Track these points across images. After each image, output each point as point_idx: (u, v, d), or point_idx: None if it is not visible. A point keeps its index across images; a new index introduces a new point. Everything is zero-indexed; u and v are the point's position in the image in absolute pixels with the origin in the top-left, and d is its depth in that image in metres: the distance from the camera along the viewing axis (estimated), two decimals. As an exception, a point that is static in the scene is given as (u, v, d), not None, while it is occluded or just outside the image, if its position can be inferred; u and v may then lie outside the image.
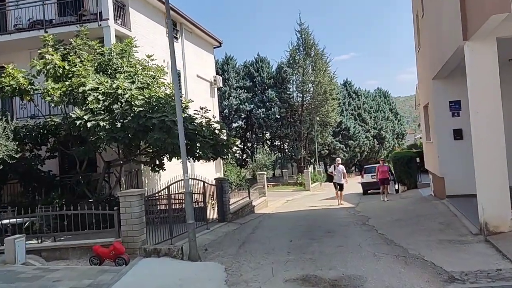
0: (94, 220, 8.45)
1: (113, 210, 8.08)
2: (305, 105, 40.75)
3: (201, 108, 13.53)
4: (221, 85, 24.91)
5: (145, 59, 13.74)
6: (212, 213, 13.38)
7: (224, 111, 38.66)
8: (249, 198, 16.86)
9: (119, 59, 13.23)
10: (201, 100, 19.49)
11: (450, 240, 7.92)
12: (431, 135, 14.77)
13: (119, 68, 13.16)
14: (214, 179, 13.69)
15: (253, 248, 9.00)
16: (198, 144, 13.03)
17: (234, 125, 42.38)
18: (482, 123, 7.75)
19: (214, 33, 23.61)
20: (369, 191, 23.15)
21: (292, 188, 33.53)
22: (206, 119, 13.60)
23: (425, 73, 14.22)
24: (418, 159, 20.17)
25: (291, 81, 40.91)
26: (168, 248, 7.98)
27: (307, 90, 40.08)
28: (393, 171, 22.22)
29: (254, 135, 40.95)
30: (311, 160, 45.38)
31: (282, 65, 40.50)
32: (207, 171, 21.80)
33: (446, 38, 9.82)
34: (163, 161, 14.68)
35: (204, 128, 13.45)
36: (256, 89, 40.21)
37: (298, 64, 39.69)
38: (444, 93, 12.59)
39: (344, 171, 17.95)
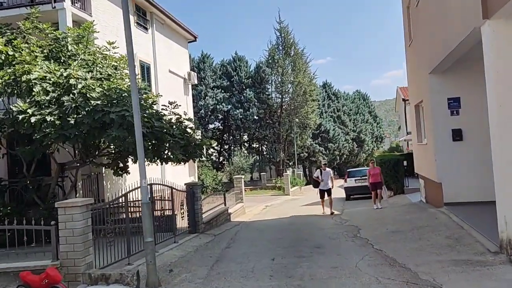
0: (26, 237, 6.70)
1: (49, 226, 6.35)
2: (284, 106, 39.44)
3: (170, 103, 11.89)
4: (196, 82, 23.24)
5: (106, 47, 11.99)
6: (182, 222, 11.74)
7: (200, 111, 36.95)
8: (225, 205, 15.26)
9: (75, 45, 11.47)
10: (174, 97, 17.68)
11: (466, 261, 6.53)
12: (424, 136, 13.53)
13: (75, 56, 11.39)
14: (185, 184, 12.05)
15: (227, 269, 7.42)
16: (166, 145, 11.43)
17: (211, 126, 40.69)
18: (506, 119, 6.39)
19: (189, 27, 21.96)
20: (352, 196, 21.89)
21: (270, 192, 32.07)
22: (176, 116, 11.97)
23: (419, 69, 12.97)
24: (405, 163, 19.02)
25: (270, 81, 39.54)
26: (120, 273, 6.32)
27: (287, 90, 38.78)
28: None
29: (231, 137, 39.33)
30: (290, 163, 44.06)
31: (260, 65, 39.08)
32: (180, 174, 20.08)
33: (454, 22, 8.50)
34: (127, 164, 12.97)
35: (174, 126, 11.85)
36: (234, 89, 38.65)
37: (277, 64, 38.35)
38: (442, 89, 11.34)
39: (332, 174, 15.86)
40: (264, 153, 40.91)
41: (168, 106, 11.84)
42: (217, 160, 40.63)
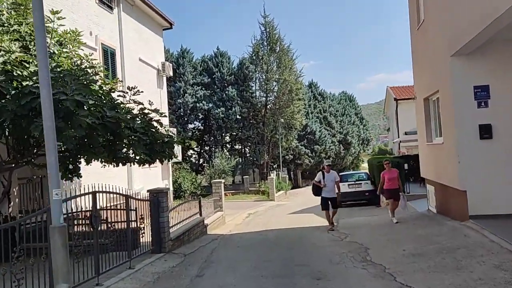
0: None
1: None
2: (269, 106, 37.29)
3: (130, 88, 9.49)
4: (171, 73, 20.80)
5: (49, 18, 9.50)
6: (145, 238, 9.35)
7: (179, 110, 34.44)
8: (201, 214, 12.87)
9: (9, 14, 8.97)
10: (145, 90, 15.26)
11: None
12: (439, 134, 11.43)
13: (8, 27, 8.89)
14: (148, 191, 9.64)
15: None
16: (125, 141, 9.07)
17: (190, 126, 38.20)
18: None
19: (165, 13, 19.51)
20: (343, 203, 19.77)
21: (254, 197, 29.76)
22: (138, 104, 9.57)
23: (434, 53, 10.85)
24: (405, 166, 17.00)
25: (254, 79, 37.32)
26: None
27: (271, 89, 36.62)
28: (372, 179, 19.01)
29: (212, 138, 36.85)
30: (274, 166, 41.86)
31: (244, 61, 36.80)
32: (151, 178, 17.60)
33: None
34: (78, 165, 10.48)
35: (138, 119, 9.49)
36: (215, 86, 36.26)
37: (261, 60, 36.17)
38: (467, 76, 9.22)
39: (338, 178, 12.19)
40: (247, 155, 38.62)
41: (127, 92, 9.43)
42: (197, 162, 38.16)
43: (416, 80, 13.71)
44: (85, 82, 8.28)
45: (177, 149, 19.94)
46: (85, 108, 7.74)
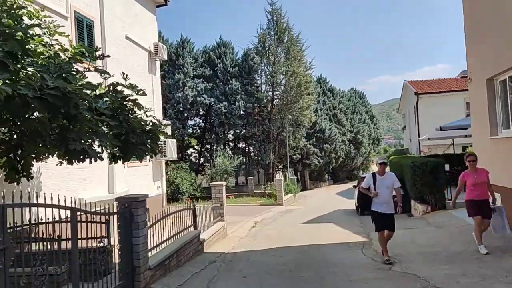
0: None
1: None
2: (275, 100, 34.43)
3: (90, 51, 6.65)
4: (165, 57, 17.92)
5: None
6: (114, 261, 6.53)
7: (178, 105, 31.59)
8: (195, 228, 10.00)
9: None
10: (133, 74, 12.41)
11: None
12: (504, 125, 8.52)
13: None
14: (116, 199, 6.76)
15: None
16: (85, 125, 6.30)
17: (190, 122, 35.38)
18: None
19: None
20: (366, 211, 16.89)
21: (259, 200, 26.88)
22: (103, 75, 6.74)
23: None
24: (447, 167, 14.09)
25: (260, 71, 34.47)
26: None
27: (278, 82, 33.75)
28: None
29: (214, 135, 33.94)
30: (280, 166, 39.01)
31: (249, 52, 33.93)
32: (139, 178, 14.76)
33: None
34: (31, 161, 7.64)
35: (108, 98, 6.76)
36: (218, 79, 33.40)
37: (268, 51, 33.31)
38: None
39: (399, 184, 8.01)
40: (252, 154, 35.73)
41: (86, 59, 6.58)
42: (197, 161, 35.31)
43: (473, 57, 10.76)
44: (14, 34, 5.47)
45: (171, 146, 17.11)
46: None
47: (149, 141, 7.61)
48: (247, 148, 36.18)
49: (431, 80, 32.94)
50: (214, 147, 33.75)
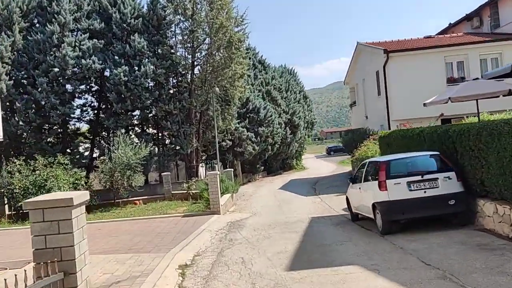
0: None
1: None
2: (197, 67, 25.47)
3: None
4: None
5: None
6: None
7: (51, 71, 21.16)
8: None
9: None
10: None
11: None
12: None
13: None
14: None
15: None
16: None
17: (79, 102, 25.02)
18: None
19: None
20: (400, 221, 9.06)
21: (181, 207, 17.87)
22: None
23: None
24: None
25: (174, 27, 25.14)
26: None
27: (201, 40, 24.79)
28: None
29: (111, 117, 23.89)
30: (205, 157, 30.19)
31: (157, -1, 24.39)
32: None
33: None
34: None
35: None
36: (113, 35, 23.44)
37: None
38: None
39: None
40: (167, 141, 26.34)
41: None
42: (87, 154, 25.08)
43: None
44: None
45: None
46: None
47: None
48: (160, 134, 26.65)
49: (391, 41, 26.21)
50: (112, 133, 23.74)
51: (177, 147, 24.98)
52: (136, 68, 22.50)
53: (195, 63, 25.21)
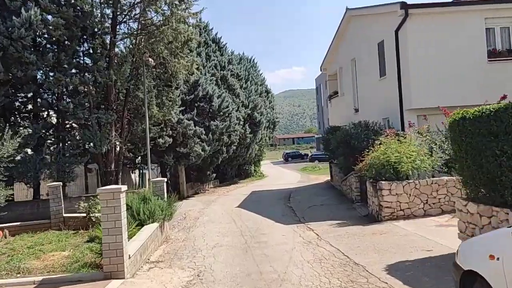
0: None
1: None
2: (121, 24, 17.30)
3: None
4: None
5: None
6: None
7: None
8: None
9: None
10: None
11: None
12: None
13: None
14: None
15: None
16: None
17: None
18: None
19: None
20: None
21: (68, 245, 9.58)
22: None
23: None
24: None
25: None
26: None
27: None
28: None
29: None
30: (138, 159, 21.99)
31: None
32: None
33: None
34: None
35: None
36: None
37: None
38: None
39: None
40: (71, 133, 17.73)
41: None
42: None
43: None
44: None
45: None
46: None
47: None
48: (60, 122, 17.94)
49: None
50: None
51: (87, 144, 16.60)
52: (14, 13, 13.97)
53: (119, 18, 16.98)
